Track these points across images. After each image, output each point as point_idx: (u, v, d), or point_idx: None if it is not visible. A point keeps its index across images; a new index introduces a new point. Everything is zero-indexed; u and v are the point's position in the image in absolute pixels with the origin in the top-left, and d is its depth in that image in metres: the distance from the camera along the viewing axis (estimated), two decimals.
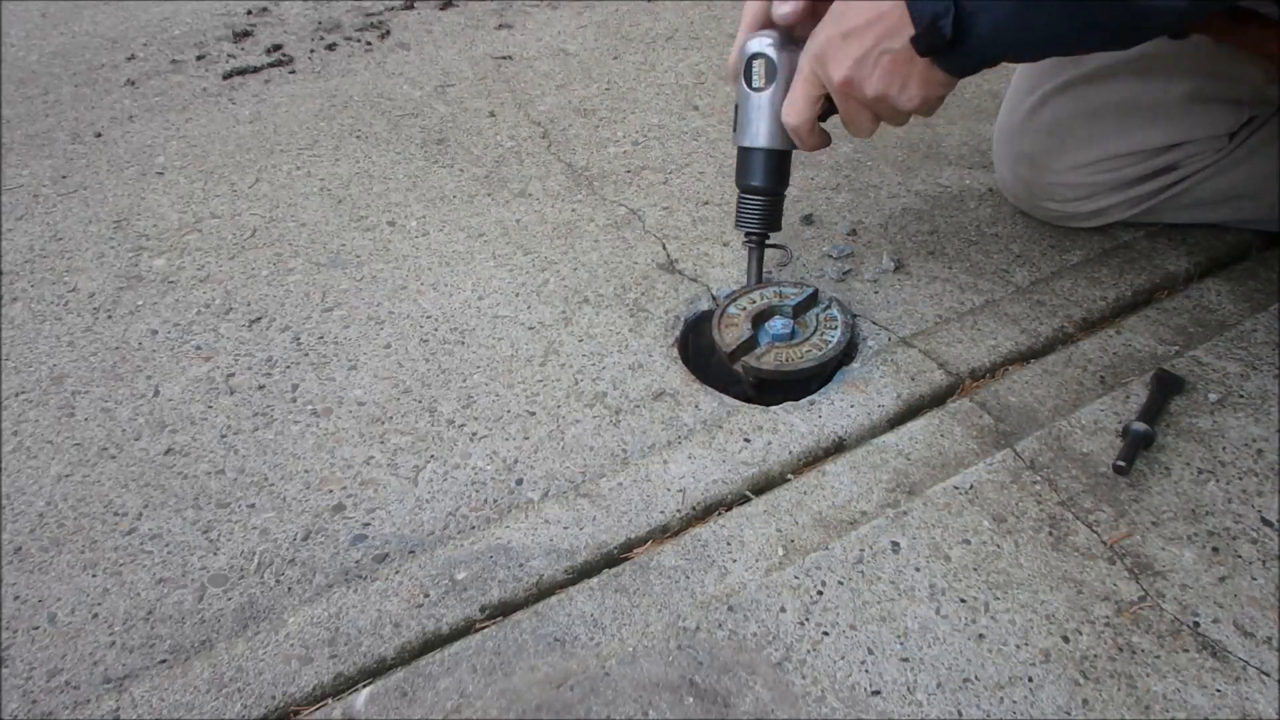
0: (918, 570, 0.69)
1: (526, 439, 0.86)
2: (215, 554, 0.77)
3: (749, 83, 0.86)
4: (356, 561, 0.76)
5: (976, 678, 0.62)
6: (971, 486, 0.75)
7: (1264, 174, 0.94)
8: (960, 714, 0.60)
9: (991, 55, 0.72)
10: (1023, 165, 1.02)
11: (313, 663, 0.66)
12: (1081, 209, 1.02)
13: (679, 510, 0.76)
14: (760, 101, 0.86)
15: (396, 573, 0.72)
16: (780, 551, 0.71)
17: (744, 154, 0.90)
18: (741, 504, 0.76)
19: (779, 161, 0.90)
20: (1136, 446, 0.75)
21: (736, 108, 0.89)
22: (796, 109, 0.82)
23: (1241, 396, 0.81)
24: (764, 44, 0.84)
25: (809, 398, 0.86)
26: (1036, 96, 0.97)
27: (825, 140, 0.86)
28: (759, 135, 0.88)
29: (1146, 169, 0.96)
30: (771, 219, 0.93)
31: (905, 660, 0.63)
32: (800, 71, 0.81)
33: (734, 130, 0.90)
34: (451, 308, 1.03)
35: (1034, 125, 0.97)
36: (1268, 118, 0.93)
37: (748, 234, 0.94)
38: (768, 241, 0.96)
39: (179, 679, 0.65)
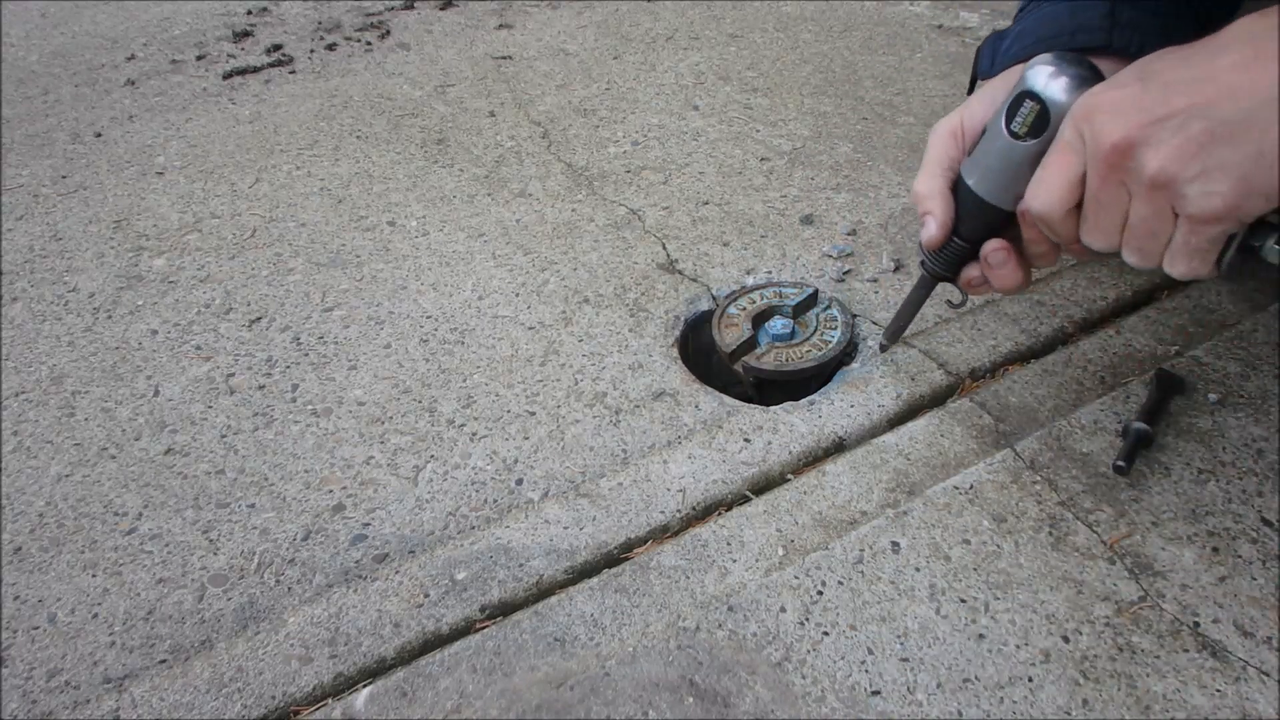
0: (918, 570, 0.69)
1: (526, 439, 0.86)
2: (215, 554, 0.77)
3: (1009, 122, 0.64)
4: (356, 561, 0.76)
5: (976, 678, 0.62)
6: (971, 486, 0.75)
7: None
8: (960, 714, 0.60)
9: None
10: None
11: (313, 663, 0.66)
12: None
13: (679, 510, 0.76)
14: (1016, 154, 0.64)
15: (396, 573, 0.72)
16: (780, 551, 0.71)
17: (975, 201, 0.69)
18: (741, 504, 0.76)
19: (1009, 221, 0.69)
20: (1136, 446, 0.75)
21: (984, 132, 0.68)
22: (1048, 190, 0.61)
23: (1241, 396, 0.81)
24: (1047, 81, 0.62)
25: (809, 398, 0.86)
26: None
27: (1076, 238, 0.63)
28: (1003, 194, 0.67)
29: None
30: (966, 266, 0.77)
31: (905, 660, 0.63)
32: (1060, 137, 0.60)
33: (967, 154, 0.70)
34: (451, 308, 1.03)
35: None
36: None
37: (932, 273, 0.77)
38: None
39: (179, 679, 0.65)
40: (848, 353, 0.92)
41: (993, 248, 0.69)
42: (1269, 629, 0.63)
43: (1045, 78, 0.62)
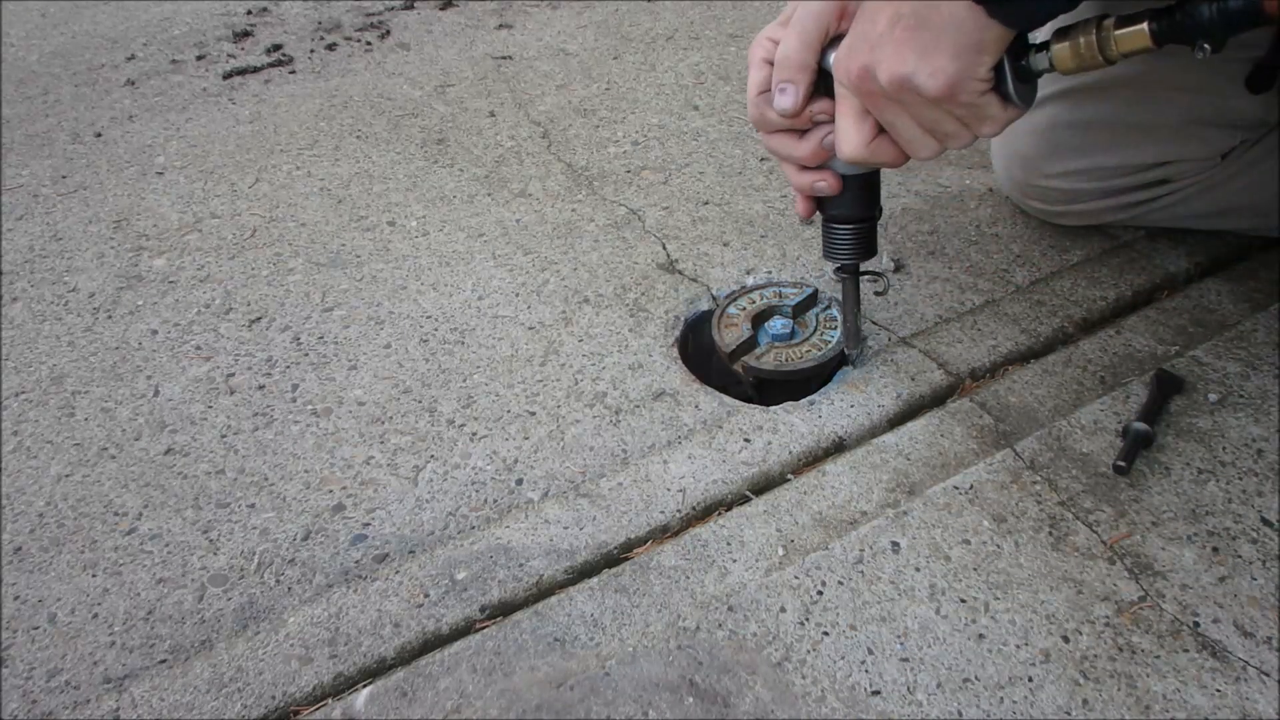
0: (918, 570, 0.69)
1: (526, 439, 0.86)
2: (215, 554, 0.77)
3: None
4: (356, 561, 0.76)
5: (976, 678, 0.62)
6: (971, 486, 0.75)
7: (1259, 188, 0.94)
8: (960, 714, 0.60)
9: None
10: (1015, 163, 1.01)
11: (313, 663, 0.66)
12: (1070, 209, 1.02)
13: (679, 510, 0.76)
14: None
15: (396, 573, 0.72)
16: (780, 551, 0.71)
17: None
18: (741, 504, 0.76)
19: (863, 184, 0.76)
20: (1136, 446, 0.75)
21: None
22: (846, 135, 0.68)
23: (1241, 396, 0.81)
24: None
25: (809, 398, 0.86)
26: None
27: (901, 154, 0.69)
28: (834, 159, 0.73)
29: (1136, 181, 0.96)
30: (866, 246, 0.79)
31: (905, 660, 0.63)
32: (836, 92, 0.68)
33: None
34: (451, 308, 1.03)
35: (1029, 126, 0.97)
36: (1261, 136, 0.92)
37: (840, 266, 0.81)
38: (863, 269, 0.82)
39: (179, 679, 0.65)
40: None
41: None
42: (1269, 629, 0.64)
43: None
